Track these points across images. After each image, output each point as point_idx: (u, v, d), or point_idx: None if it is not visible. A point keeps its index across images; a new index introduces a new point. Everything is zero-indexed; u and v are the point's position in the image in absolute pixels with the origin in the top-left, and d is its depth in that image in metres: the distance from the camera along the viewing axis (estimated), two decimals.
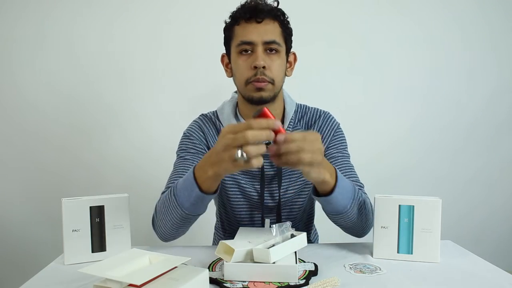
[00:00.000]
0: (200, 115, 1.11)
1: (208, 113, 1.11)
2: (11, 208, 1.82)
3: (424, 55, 1.90)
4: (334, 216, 0.89)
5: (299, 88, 1.34)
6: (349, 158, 1.07)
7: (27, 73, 1.76)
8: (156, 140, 1.83)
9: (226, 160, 0.67)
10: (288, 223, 0.80)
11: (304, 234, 0.81)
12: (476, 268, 0.81)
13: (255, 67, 0.91)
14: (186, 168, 0.98)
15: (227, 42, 1.00)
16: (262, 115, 0.69)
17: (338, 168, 0.97)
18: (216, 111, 1.09)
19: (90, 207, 0.85)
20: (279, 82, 0.97)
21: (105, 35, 1.77)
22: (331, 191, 0.81)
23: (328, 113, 1.10)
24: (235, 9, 0.97)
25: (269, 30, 0.93)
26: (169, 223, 0.88)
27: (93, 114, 1.81)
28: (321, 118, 1.07)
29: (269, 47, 0.93)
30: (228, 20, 0.98)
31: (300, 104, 1.10)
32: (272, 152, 0.69)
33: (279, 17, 0.95)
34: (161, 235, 0.93)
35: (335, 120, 1.09)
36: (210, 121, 1.07)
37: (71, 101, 1.79)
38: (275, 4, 0.97)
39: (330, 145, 1.05)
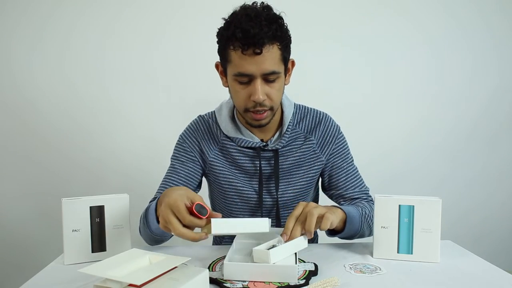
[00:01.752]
0: (197, 117, 1.10)
1: (205, 114, 1.09)
2: (11, 208, 1.82)
3: (425, 56, 1.90)
4: (348, 239, 0.97)
5: (299, 88, 1.34)
6: (353, 162, 1.08)
7: (26, 73, 1.76)
8: (156, 140, 1.83)
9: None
10: None
11: (304, 236, 0.80)
12: (476, 268, 0.81)
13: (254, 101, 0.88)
14: (172, 178, 1.03)
15: (221, 56, 0.92)
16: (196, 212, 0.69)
17: (344, 178, 1.05)
18: (214, 112, 1.08)
19: (90, 207, 0.85)
20: (278, 103, 0.95)
21: (104, 36, 1.77)
22: (344, 226, 0.89)
23: (328, 116, 1.08)
24: (230, 20, 0.86)
25: (268, 60, 0.85)
26: (146, 236, 0.94)
27: (92, 114, 1.81)
28: (322, 123, 1.05)
29: (268, 78, 0.88)
30: (222, 25, 0.88)
31: (299, 105, 1.08)
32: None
33: (278, 37, 0.85)
34: (145, 241, 0.99)
35: (335, 124, 1.07)
36: (206, 125, 1.06)
37: (70, 102, 1.79)
38: (273, 12, 0.86)
39: (333, 152, 1.05)
